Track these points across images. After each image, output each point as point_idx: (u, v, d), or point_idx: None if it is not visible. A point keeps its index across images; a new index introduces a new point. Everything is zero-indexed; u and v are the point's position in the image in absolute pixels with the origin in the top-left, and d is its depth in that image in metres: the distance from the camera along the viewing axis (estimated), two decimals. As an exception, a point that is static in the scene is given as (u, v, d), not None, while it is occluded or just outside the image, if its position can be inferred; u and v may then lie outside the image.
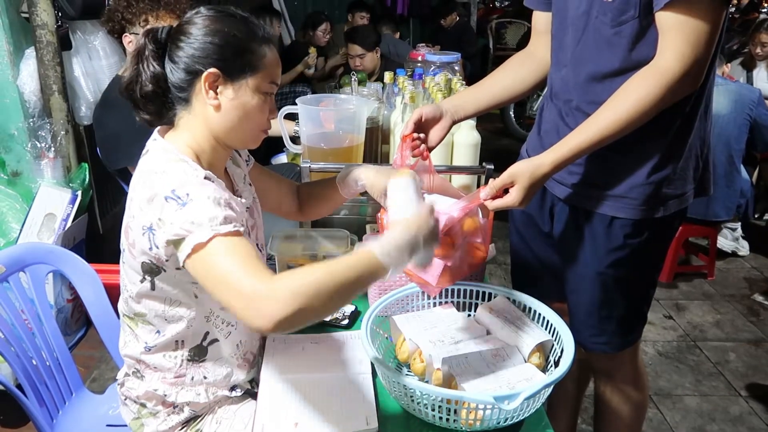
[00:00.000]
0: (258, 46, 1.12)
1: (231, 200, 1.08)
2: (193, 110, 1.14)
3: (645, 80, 1.20)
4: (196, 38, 1.10)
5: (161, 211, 1.03)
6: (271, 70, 1.15)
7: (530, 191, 1.23)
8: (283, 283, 0.93)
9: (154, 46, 1.12)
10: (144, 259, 1.11)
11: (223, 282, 0.97)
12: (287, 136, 2.01)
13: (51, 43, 2.34)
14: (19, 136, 2.42)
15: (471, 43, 6.26)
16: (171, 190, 1.03)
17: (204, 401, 1.24)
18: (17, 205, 2.41)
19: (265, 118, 1.17)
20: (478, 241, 1.30)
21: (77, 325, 2.60)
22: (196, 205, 1.01)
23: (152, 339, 1.21)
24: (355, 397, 1.17)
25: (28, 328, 1.51)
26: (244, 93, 1.12)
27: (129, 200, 1.13)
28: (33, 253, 1.55)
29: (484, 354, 1.19)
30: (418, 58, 2.76)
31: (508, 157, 1.51)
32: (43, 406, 1.46)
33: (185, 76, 1.11)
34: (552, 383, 1.07)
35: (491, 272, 3.29)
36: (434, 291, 1.31)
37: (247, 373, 1.29)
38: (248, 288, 0.93)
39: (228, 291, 0.96)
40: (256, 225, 1.32)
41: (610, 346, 1.51)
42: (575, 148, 1.23)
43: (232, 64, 1.10)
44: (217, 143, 1.16)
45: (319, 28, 4.74)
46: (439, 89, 1.79)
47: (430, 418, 1.10)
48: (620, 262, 1.40)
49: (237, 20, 1.13)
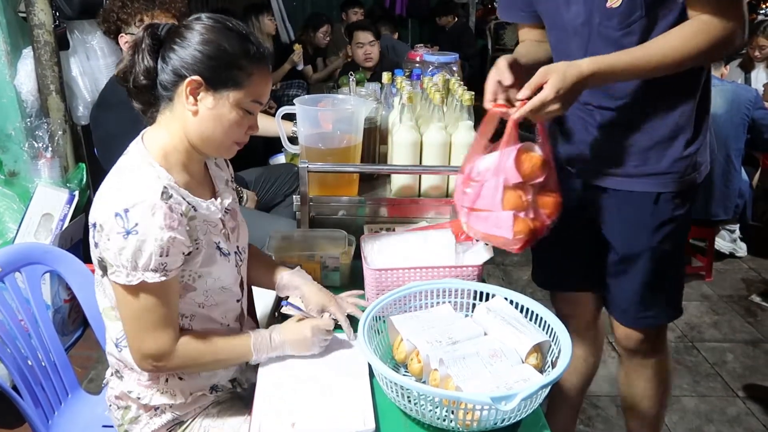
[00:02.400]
0: (247, 63, 1.14)
1: (194, 206, 1.15)
2: (174, 110, 1.17)
3: (700, 26, 1.23)
4: (189, 44, 1.12)
5: (104, 222, 1.08)
6: (257, 88, 1.17)
7: (564, 86, 1.20)
8: (175, 361, 1.17)
9: (151, 41, 1.14)
10: (97, 254, 1.14)
11: (133, 322, 1.14)
12: (285, 136, 2.00)
13: (48, 43, 2.34)
14: (17, 135, 2.41)
15: (470, 44, 6.26)
16: (123, 209, 1.07)
17: (181, 402, 1.24)
18: (14, 205, 2.41)
19: (241, 133, 1.19)
20: (539, 182, 1.26)
21: (74, 325, 2.59)
22: (137, 244, 1.07)
23: (121, 336, 1.21)
24: (352, 397, 1.17)
25: (24, 328, 1.51)
26: (223, 105, 1.14)
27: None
28: (30, 253, 1.55)
29: (482, 354, 1.18)
30: (417, 59, 2.76)
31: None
32: (38, 407, 1.45)
33: (172, 77, 1.14)
34: (549, 384, 1.07)
35: (489, 273, 3.29)
36: (516, 244, 1.28)
37: (225, 370, 1.29)
38: (149, 346, 1.14)
39: (132, 331, 1.15)
40: (238, 227, 1.32)
41: (659, 318, 1.59)
42: (615, 61, 1.24)
43: (216, 75, 1.12)
44: (191, 147, 1.19)
45: (321, 29, 4.74)
46: (437, 90, 1.79)
47: (428, 418, 1.09)
48: (670, 234, 1.47)
49: (232, 34, 1.14)
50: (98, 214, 1.10)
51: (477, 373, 1.13)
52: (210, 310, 1.24)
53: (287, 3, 5.86)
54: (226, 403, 1.31)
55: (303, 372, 1.25)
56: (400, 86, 1.93)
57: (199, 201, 1.18)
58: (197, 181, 1.23)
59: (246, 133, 1.20)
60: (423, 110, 1.89)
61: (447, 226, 1.54)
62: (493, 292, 1.36)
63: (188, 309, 1.21)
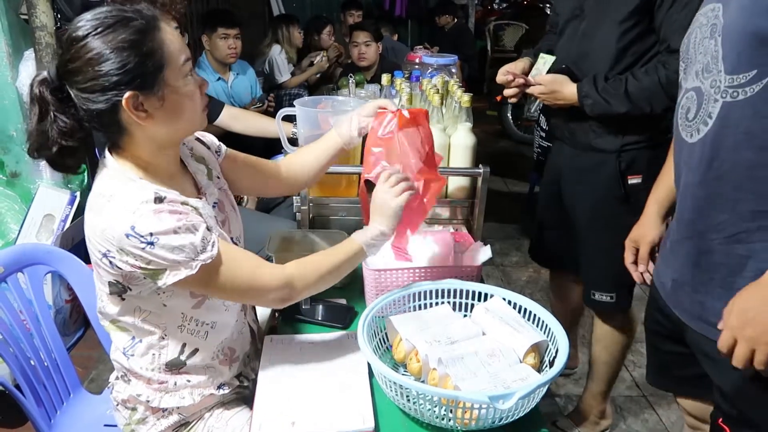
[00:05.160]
0: (151, 40, 1.02)
1: (188, 203, 1.10)
2: (132, 133, 1.08)
3: None
4: (90, 73, 0.99)
5: (123, 244, 1.02)
6: (178, 48, 1.05)
7: None
8: (293, 275, 1.18)
9: (53, 95, 1.03)
10: (110, 278, 1.11)
11: (244, 289, 1.15)
12: (285, 137, 2.01)
13: (50, 45, 2.35)
14: (18, 137, 2.42)
15: (469, 45, 6.27)
16: (131, 227, 1.01)
17: (190, 403, 1.24)
18: (16, 206, 2.42)
19: (198, 98, 1.11)
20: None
21: (76, 325, 2.60)
22: (167, 244, 1.03)
23: (129, 345, 1.21)
24: (352, 396, 1.18)
25: (27, 328, 1.52)
26: (168, 92, 1.05)
27: (85, 217, 1.10)
28: (31, 253, 1.56)
29: (480, 354, 1.19)
30: (416, 60, 2.77)
31: (505, 159, 1.53)
32: (41, 406, 1.46)
33: (104, 115, 1.02)
34: (547, 383, 1.08)
35: (488, 273, 3.30)
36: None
37: (230, 368, 1.28)
38: (274, 287, 1.16)
39: (253, 294, 1.18)
40: (228, 219, 1.29)
41: None
42: None
43: (141, 77, 1.01)
44: (167, 149, 1.14)
45: (324, 31, 4.76)
46: (436, 91, 1.80)
47: (426, 417, 1.11)
48: None
49: (112, 29, 1.00)
50: (105, 243, 1.03)
51: (475, 372, 1.14)
52: (214, 300, 1.21)
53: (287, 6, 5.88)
54: (230, 403, 1.31)
55: (303, 371, 1.26)
56: (400, 88, 1.94)
57: (196, 201, 1.15)
58: (181, 183, 1.19)
59: (202, 93, 1.12)
60: (422, 112, 1.90)
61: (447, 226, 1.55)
62: (491, 292, 1.37)
63: (181, 316, 1.18)
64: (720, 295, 1.10)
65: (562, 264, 2.13)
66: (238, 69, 3.35)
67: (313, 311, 1.47)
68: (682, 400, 1.45)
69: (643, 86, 1.64)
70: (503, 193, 4.53)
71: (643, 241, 1.44)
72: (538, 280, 3.25)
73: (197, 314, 1.20)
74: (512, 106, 5.26)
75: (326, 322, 1.45)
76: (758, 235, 1.05)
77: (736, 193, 1.06)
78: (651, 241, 1.43)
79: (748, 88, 1.00)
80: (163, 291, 1.12)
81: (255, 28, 5.68)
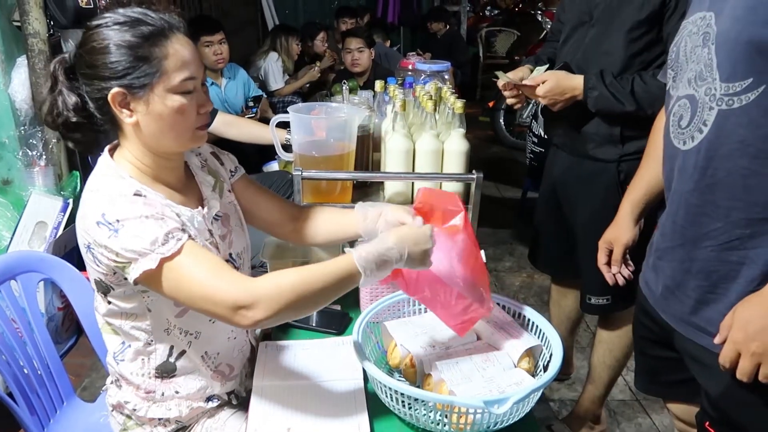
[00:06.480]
0: (151, 46, 1.03)
1: (165, 209, 1.07)
2: (124, 129, 1.11)
3: None
4: (93, 58, 1.04)
5: (95, 235, 1.03)
6: (180, 64, 1.05)
7: None
8: (263, 291, 1.00)
9: (65, 73, 1.09)
10: (95, 275, 1.11)
11: (197, 295, 1.02)
12: (279, 144, 2.02)
13: (43, 52, 2.35)
14: (11, 144, 2.41)
15: (462, 52, 6.30)
16: (101, 215, 1.02)
17: (176, 416, 1.23)
18: (8, 213, 2.41)
19: (192, 118, 1.09)
20: None
21: (68, 333, 2.59)
22: (130, 231, 1.00)
23: (119, 350, 1.21)
24: (347, 402, 1.18)
25: (19, 336, 1.51)
26: (156, 102, 1.05)
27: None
28: (24, 261, 1.55)
29: (475, 359, 1.20)
30: (409, 67, 2.78)
31: (498, 165, 1.53)
32: (34, 414, 1.45)
33: (99, 103, 1.07)
34: (541, 387, 1.08)
35: (482, 279, 3.31)
36: None
37: (222, 385, 1.27)
38: (230, 298, 0.99)
39: (205, 303, 1.02)
40: (231, 233, 1.25)
41: None
42: None
43: (129, 78, 1.03)
44: (157, 155, 1.13)
45: (318, 37, 4.78)
46: (430, 98, 1.81)
47: (422, 422, 1.11)
48: None
49: (123, 26, 1.04)
50: (86, 235, 1.05)
51: (470, 377, 1.14)
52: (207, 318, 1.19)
53: (280, 12, 5.89)
54: (226, 408, 1.30)
55: (298, 377, 1.26)
56: (393, 94, 1.95)
57: (183, 209, 1.13)
58: (179, 192, 1.17)
59: (199, 113, 1.10)
60: (415, 118, 1.91)
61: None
62: (485, 297, 1.37)
63: (166, 321, 1.17)
64: (712, 301, 1.11)
65: (563, 270, 2.15)
66: (229, 73, 3.36)
67: (307, 318, 1.48)
68: (672, 405, 1.46)
69: (648, 89, 1.65)
70: (496, 198, 4.54)
71: (617, 242, 1.45)
72: (531, 285, 3.26)
73: (181, 323, 1.18)
74: (504, 112, 5.29)
75: (321, 328, 1.46)
76: (752, 243, 1.05)
77: (730, 200, 1.06)
78: (625, 243, 1.44)
79: (744, 96, 1.01)
80: (147, 293, 1.11)
81: (248, 33, 5.70)
